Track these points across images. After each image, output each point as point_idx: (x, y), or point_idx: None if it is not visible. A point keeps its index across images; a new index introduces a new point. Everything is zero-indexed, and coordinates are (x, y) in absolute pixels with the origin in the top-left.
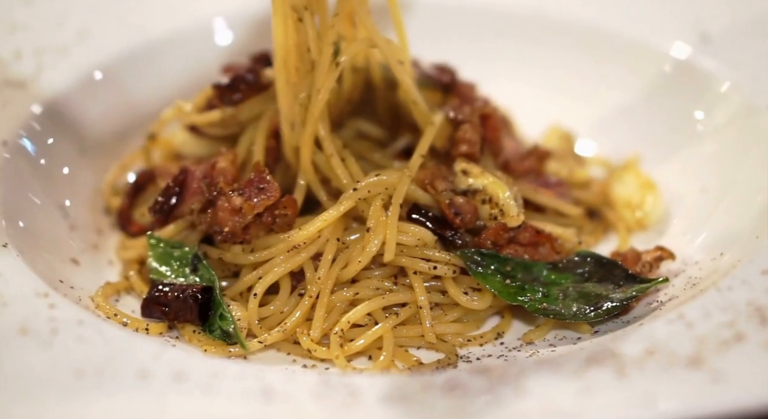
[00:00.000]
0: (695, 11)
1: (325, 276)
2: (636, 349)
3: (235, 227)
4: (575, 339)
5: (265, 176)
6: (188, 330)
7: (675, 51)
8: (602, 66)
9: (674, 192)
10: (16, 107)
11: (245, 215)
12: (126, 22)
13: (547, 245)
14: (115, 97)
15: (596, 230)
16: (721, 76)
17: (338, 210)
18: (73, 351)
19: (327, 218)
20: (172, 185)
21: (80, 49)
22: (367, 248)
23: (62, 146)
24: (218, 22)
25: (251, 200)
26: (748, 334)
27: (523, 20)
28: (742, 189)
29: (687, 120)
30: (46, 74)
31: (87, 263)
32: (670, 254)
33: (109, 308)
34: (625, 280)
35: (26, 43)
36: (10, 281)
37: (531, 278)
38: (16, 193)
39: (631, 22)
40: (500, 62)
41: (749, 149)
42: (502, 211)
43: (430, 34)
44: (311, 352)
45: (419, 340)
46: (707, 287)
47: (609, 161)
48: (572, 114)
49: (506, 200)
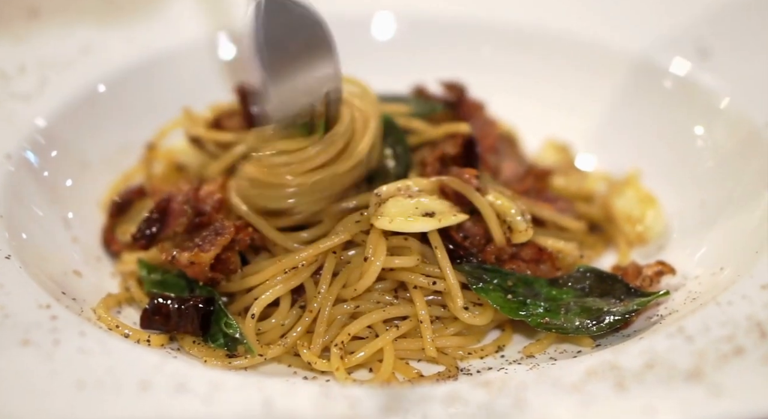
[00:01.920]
0: (695, 27)
1: (326, 292)
2: (636, 362)
3: (201, 274)
4: (575, 352)
5: (221, 220)
6: (188, 340)
7: (675, 67)
8: (602, 81)
9: (674, 207)
10: (20, 120)
11: (202, 264)
12: (129, 36)
13: (549, 263)
14: (118, 110)
15: (597, 244)
16: (721, 92)
17: (339, 238)
18: (75, 362)
19: (328, 245)
20: (154, 212)
21: (84, 62)
22: (365, 276)
23: (65, 159)
24: (221, 36)
25: (204, 248)
26: (747, 348)
27: (523, 35)
28: (742, 204)
29: (687, 135)
30: (50, 87)
31: (89, 275)
32: (671, 269)
33: (111, 320)
34: (626, 294)
35: (31, 56)
36: (12, 292)
37: (532, 293)
38: (19, 205)
39: (630, 38)
40: (499, 77)
41: (748, 165)
42: (510, 227)
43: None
44: (312, 364)
45: (420, 353)
46: (707, 301)
47: (609, 175)
48: (572, 129)
49: (513, 216)
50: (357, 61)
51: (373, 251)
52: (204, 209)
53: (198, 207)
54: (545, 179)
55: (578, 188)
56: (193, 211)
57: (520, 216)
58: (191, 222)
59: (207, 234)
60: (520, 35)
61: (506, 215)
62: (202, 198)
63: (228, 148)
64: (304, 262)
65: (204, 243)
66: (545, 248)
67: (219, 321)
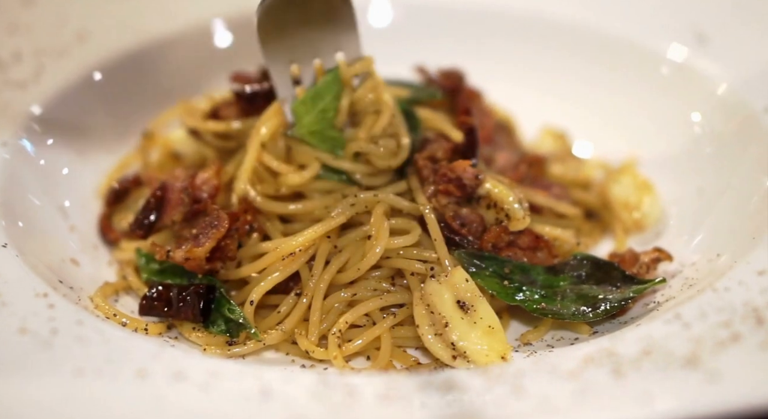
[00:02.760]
0: (692, 13)
1: (318, 279)
2: (633, 349)
3: (198, 268)
4: (573, 339)
5: (216, 212)
6: (187, 326)
7: (672, 53)
8: (599, 68)
9: (671, 194)
10: (16, 108)
11: (198, 259)
12: (125, 23)
13: (545, 250)
14: (114, 98)
15: (594, 231)
16: (718, 79)
17: (336, 221)
18: (73, 350)
19: (323, 228)
20: (151, 201)
21: (80, 50)
22: (368, 255)
23: (62, 147)
24: (217, 23)
25: (199, 242)
26: (744, 334)
27: (520, 22)
28: (739, 190)
29: (684, 122)
30: (45, 75)
31: (86, 264)
32: (668, 256)
33: (108, 309)
34: (622, 281)
35: (26, 44)
36: (9, 281)
37: (529, 280)
38: (15, 193)
39: (627, 25)
40: (497, 64)
41: (746, 151)
42: (507, 215)
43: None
44: (309, 353)
45: (417, 340)
46: (704, 288)
47: (606, 162)
48: (569, 116)
49: (511, 203)
50: None
51: (376, 232)
52: (200, 197)
53: (194, 195)
54: (540, 166)
55: (575, 175)
56: (190, 199)
57: (517, 204)
58: (188, 210)
59: (203, 226)
60: (518, 22)
61: (504, 203)
62: (198, 186)
63: (226, 138)
64: (300, 248)
65: (199, 236)
66: (542, 236)
67: (221, 307)
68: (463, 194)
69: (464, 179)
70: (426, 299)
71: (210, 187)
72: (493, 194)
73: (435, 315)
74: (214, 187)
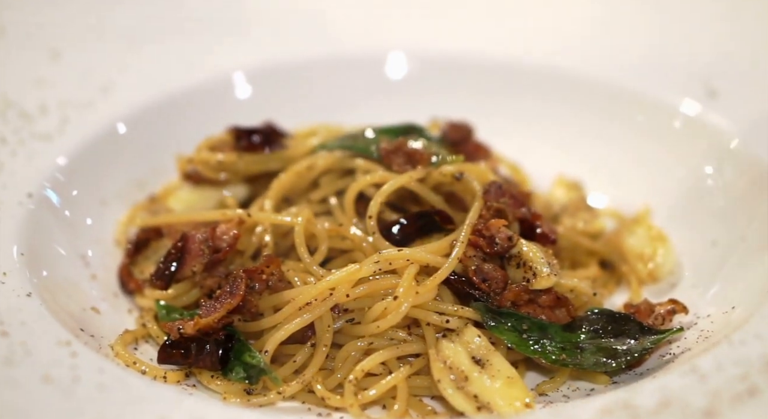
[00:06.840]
0: (704, 69)
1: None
2: (650, 401)
3: (214, 331)
4: (588, 390)
5: (239, 279)
6: (206, 375)
7: (685, 107)
8: (614, 121)
9: (685, 245)
10: (42, 159)
11: (209, 327)
12: (148, 76)
13: (564, 309)
14: (137, 149)
15: (609, 281)
16: (730, 133)
17: (356, 272)
18: (95, 398)
19: (342, 278)
20: (172, 252)
21: (104, 103)
22: (390, 315)
23: (86, 198)
24: (238, 76)
25: (209, 312)
26: (761, 388)
27: (535, 76)
28: (752, 243)
29: (697, 175)
30: (70, 127)
31: (107, 312)
32: (684, 308)
33: (128, 357)
34: (639, 333)
35: (51, 97)
36: (34, 329)
37: (546, 337)
38: (41, 243)
39: (641, 79)
40: (510, 117)
41: (758, 204)
42: (534, 274)
43: (443, 88)
44: (326, 401)
45: (433, 390)
46: (720, 340)
47: (620, 213)
48: (583, 168)
49: (541, 264)
50: (372, 98)
51: (404, 291)
52: (220, 247)
53: (215, 246)
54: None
55: (585, 225)
56: (210, 250)
57: (547, 267)
58: (208, 261)
59: (222, 294)
60: (532, 76)
61: (534, 263)
62: (219, 236)
63: (223, 168)
64: (316, 298)
65: (216, 304)
66: (563, 296)
67: (241, 355)
68: (491, 252)
69: (497, 238)
70: (442, 357)
71: (230, 237)
72: (524, 253)
73: (454, 370)
74: (234, 237)
